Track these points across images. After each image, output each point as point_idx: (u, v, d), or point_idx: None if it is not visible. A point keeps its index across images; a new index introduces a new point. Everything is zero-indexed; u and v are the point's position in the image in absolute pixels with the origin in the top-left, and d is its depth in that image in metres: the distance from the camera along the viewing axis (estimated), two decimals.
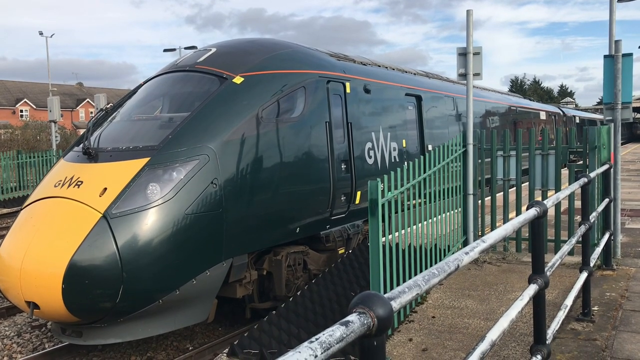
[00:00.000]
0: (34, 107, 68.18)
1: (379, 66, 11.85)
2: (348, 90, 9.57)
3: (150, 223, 6.41)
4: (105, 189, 6.52)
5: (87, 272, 6.09)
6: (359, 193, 9.47)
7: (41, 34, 50.02)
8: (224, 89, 7.70)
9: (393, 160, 10.77)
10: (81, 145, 7.33)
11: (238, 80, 7.85)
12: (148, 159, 6.77)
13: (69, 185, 6.75)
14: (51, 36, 60.02)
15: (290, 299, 7.40)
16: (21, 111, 68.44)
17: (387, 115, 10.86)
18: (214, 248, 6.90)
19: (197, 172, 6.80)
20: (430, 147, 12.05)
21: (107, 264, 6.14)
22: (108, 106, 8.69)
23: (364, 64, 11.13)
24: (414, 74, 13.64)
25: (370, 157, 9.99)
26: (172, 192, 6.59)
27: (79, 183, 6.73)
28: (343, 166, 9.18)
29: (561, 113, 30.02)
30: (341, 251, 9.30)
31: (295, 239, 8.38)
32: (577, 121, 34.23)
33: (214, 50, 8.72)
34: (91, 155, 7.10)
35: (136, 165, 6.75)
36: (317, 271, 8.83)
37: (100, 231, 6.23)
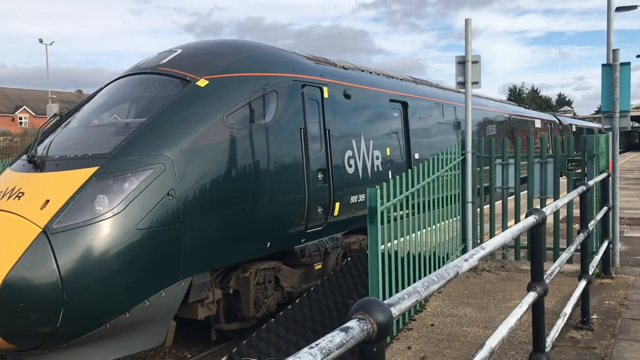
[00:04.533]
0: (33, 114, 68.19)
1: (363, 71, 11.37)
2: (326, 95, 9.07)
3: (96, 239, 5.83)
4: (48, 201, 5.93)
5: (22, 294, 5.47)
6: (337, 204, 8.95)
7: (41, 41, 50.18)
8: (185, 93, 7.19)
9: (376, 170, 10.23)
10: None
11: (202, 83, 7.34)
12: (97, 167, 6.20)
13: (9, 197, 6.15)
14: (51, 44, 60.28)
15: (289, 307, 7.38)
16: (20, 118, 68.45)
17: (369, 122, 10.34)
18: (170, 266, 6.33)
19: (152, 183, 6.24)
20: (417, 156, 11.66)
21: (46, 285, 5.54)
22: (62, 111, 8.12)
23: (346, 68, 10.63)
24: (401, 79, 13.12)
25: (350, 166, 9.44)
26: (122, 204, 6.01)
27: (20, 194, 6.13)
28: (320, 176, 8.63)
29: (557, 121, 29.67)
30: (318, 266, 8.83)
31: (267, 255, 7.86)
32: (574, 129, 33.86)
33: (179, 51, 8.19)
34: (36, 164, 6.53)
35: (83, 174, 6.17)
36: (291, 288, 8.39)
37: (39, 248, 5.62)
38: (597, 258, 6.95)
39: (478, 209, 9.14)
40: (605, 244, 7.50)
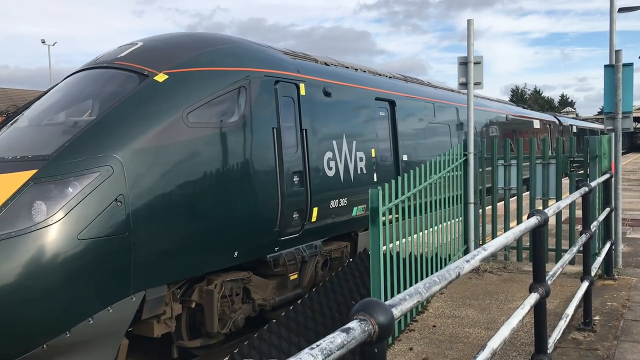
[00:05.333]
0: None
1: (348, 68, 10.78)
2: (303, 92, 8.46)
3: (31, 250, 5.28)
4: None
5: None
6: (315, 209, 8.38)
7: (43, 42, 50.34)
8: (141, 89, 6.61)
9: (359, 172, 9.63)
10: None
11: (160, 77, 6.76)
12: (35, 171, 5.61)
13: None
14: (53, 44, 60.39)
15: (290, 308, 7.37)
16: None
17: (352, 121, 9.74)
18: (118, 279, 5.77)
19: (97, 187, 5.64)
20: (405, 158, 11.16)
21: None
22: (10, 109, 7.54)
23: (328, 64, 10.08)
24: (389, 77, 12.42)
25: (330, 168, 8.85)
26: (63, 211, 5.43)
27: None
28: (295, 179, 8.03)
29: (557, 122, 28.75)
30: (293, 277, 8.26)
31: (236, 265, 7.30)
32: (575, 130, 32.90)
33: (140, 44, 7.60)
34: None
35: (19, 178, 5.57)
36: (263, 301, 7.82)
37: None
38: (600, 259, 6.94)
39: (480, 210, 9.13)
40: (608, 245, 7.49)
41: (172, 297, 6.68)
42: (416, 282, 6.26)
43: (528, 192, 9.03)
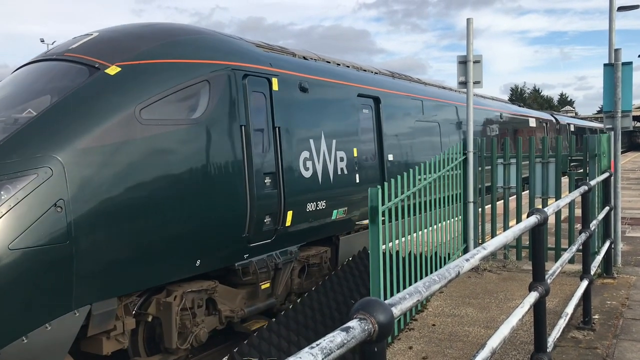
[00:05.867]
0: None
1: (329, 62, 10.22)
2: (275, 88, 7.92)
3: None
4: None
5: None
6: (290, 213, 7.89)
7: (42, 41, 50.24)
8: (89, 82, 6.07)
9: (340, 173, 9.13)
10: None
11: (112, 70, 6.20)
12: None
13: None
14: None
15: (290, 307, 7.38)
16: None
17: (332, 119, 9.19)
18: (57, 293, 5.26)
19: (33, 191, 5.12)
20: (390, 158, 10.71)
21: None
22: None
23: (307, 58, 9.52)
24: (375, 72, 11.84)
25: (307, 169, 8.33)
26: None
27: None
28: (267, 180, 7.53)
29: (553, 120, 28.13)
30: (265, 285, 7.75)
31: (201, 273, 6.83)
32: (572, 129, 32.36)
33: (95, 35, 7.05)
34: None
35: None
36: (231, 312, 7.29)
37: None
38: (599, 258, 6.94)
39: (479, 209, 9.13)
40: (607, 244, 7.49)
41: (124, 310, 6.15)
42: (415, 281, 6.27)
43: (527, 191, 9.03)
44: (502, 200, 9.20)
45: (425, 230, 7.05)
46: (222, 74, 7.13)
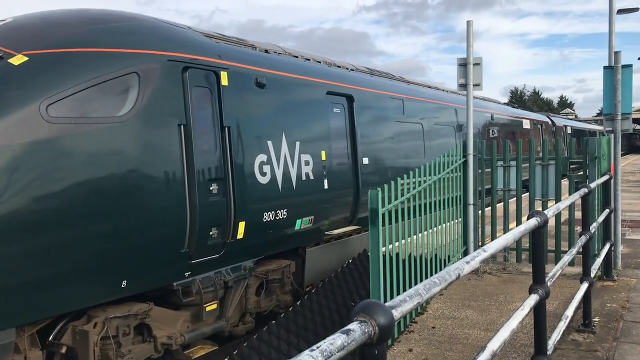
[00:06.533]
0: None
1: (296, 57, 9.43)
2: (225, 82, 7.10)
3: None
4: None
5: None
6: (242, 224, 7.11)
7: None
8: None
9: (305, 178, 8.35)
10: None
11: (17, 60, 5.41)
12: None
13: None
14: None
15: (290, 309, 7.37)
16: None
17: (295, 118, 8.38)
18: None
19: None
20: (365, 161, 10.00)
21: None
22: None
23: (268, 51, 8.70)
24: (350, 69, 11.02)
25: (264, 174, 7.54)
26: None
27: None
28: (213, 188, 6.73)
29: (549, 122, 27.07)
30: (211, 307, 6.97)
31: (128, 295, 6.02)
32: (569, 132, 31.22)
33: (8, 20, 6.30)
34: None
35: None
36: (168, 339, 6.54)
37: None
38: (599, 260, 6.94)
39: (479, 211, 9.14)
40: (607, 246, 7.49)
41: (29, 341, 5.40)
42: (415, 283, 6.27)
43: (527, 193, 9.03)
44: (502, 203, 9.20)
45: (425, 233, 7.04)
46: (155, 66, 6.26)
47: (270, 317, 8.00)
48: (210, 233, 6.71)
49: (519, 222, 8.67)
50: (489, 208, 9.62)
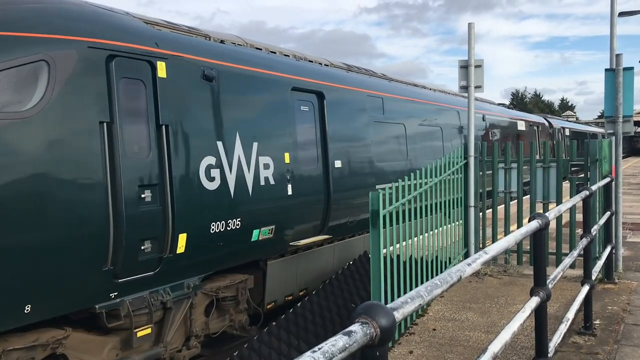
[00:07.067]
0: None
1: (259, 49, 8.66)
2: (162, 74, 6.30)
3: None
4: None
5: None
6: (183, 236, 6.35)
7: None
8: None
9: (264, 183, 7.58)
10: None
11: None
12: None
13: None
14: None
15: (290, 310, 7.37)
16: None
17: (252, 116, 7.60)
18: None
19: None
20: (338, 164, 9.23)
21: None
22: None
23: (224, 41, 7.90)
24: (325, 64, 10.25)
25: (212, 178, 6.79)
26: None
27: None
28: (145, 195, 5.96)
29: (546, 124, 25.98)
30: (143, 332, 6.14)
31: (34, 322, 5.20)
32: (567, 134, 30.09)
33: None
34: None
35: None
36: None
37: None
38: (600, 263, 6.93)
39: (480, 213, 9.13)
40: (608, 249, 7.48)
41: None
42: (416, 285, 6.26)
43: (528, 196, 9.03)
44: (503, 205, 9.20)
45: (426, 234, 7.03)
46: (70, 53, 5.46)
47: (222, 339, 7.46)
48: (142, 247, 5.97)
49: (520, 225, 8.67)
50: (490, 210, 9.61)
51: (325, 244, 9.23)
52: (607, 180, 7.94)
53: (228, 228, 6.99)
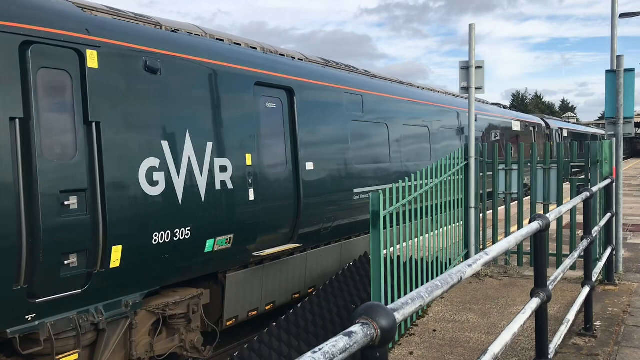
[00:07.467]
0: None
1: (221, 40, 7.97)
2: (93, 64, 5.60)
3: None
4: None
5: None
6: (118, 249, 5.67)
7: None
8: None
9: (220, 188, 6.86)
10: None
11: None
12: None
13: None
14: None
15: (290, 311, 7.36)
16: None
17: (205, 113, 6.86)
18: None
19: None
20: (310, 167, 8.52)
21: None
22: None
23: (177, 31, 7.18)
24: (298, 58, 9.54)
25: (154, 183, 6.06)
26: None
27: None
28: (70, 202, 5.31)
29: (543, 124, 25.09)
30: (68, 358, 5.50)
31: None
32: (565, 135, 29.60)
33: None
34: None
35: None
36: None
37: None
38: (601, 265, 6.93)
39: (481, 215, 9.13)
40: (609, 250, 7.48)
41: None
42: (417, 286, 6.26)
43: (529, 197, 9.03)
44: (504, 206, 9.19)
45: (427, 236, 7.03)
46: None
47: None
48: (66, 262, 5.29)
49: (520, 226, 8.67)
50: (491, 211, 9.61)
51: (296, 252, 8.55)
52: (608, 181, 7.93)
53: (175, 238, 6.29)
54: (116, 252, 5.68)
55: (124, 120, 5.87)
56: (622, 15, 19.95)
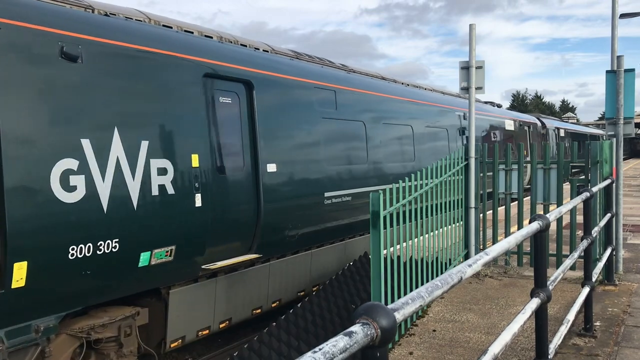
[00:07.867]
0: None
1: (169, 27, 7.32)
2: None
3: None
4: None
5: None
6: (21, 265, 4.90)
7: None
8: None
9: (158, 193, 6.07)
10: None
11: None
12: None
13: None
14: None
15: (290, 311, 7.36)
16: None
17: (140, 108, 6.06)
18: None
19: None
20: (272, 169, 7.72)
21: None
22: None
23: (110, 15, 6.52)
24: (263, 49, 8.88)
25: (71, 188, 5.27)
26: None
27: None
28: None
29: (539, 124, 24.31)
30: None
31: None
32: (562, 135, 28.71)
33: None
34: None
35: None
36: None
37: None
38: (600, 265, 6.93)
39: (481, 215, 9.14)
40: (609, 250, 7.48)
41: None
42: (416, 286, 6.26)
43: (529, 197, 9.03)
44: (504, 206, 9.20)
45: (427, 236, 7.03)
46: None
47: None
48: None
49: (520, 226, 8.67)
50: (491, 211, 9.61)
51: (258, 263, 7.78)
52: (608, 182, 7.93)
53: (99, 252, 5.49)
54: (19, 270, 4.88)
55: (32, 115, 5.08)
56: (622, 16, 19.94)
